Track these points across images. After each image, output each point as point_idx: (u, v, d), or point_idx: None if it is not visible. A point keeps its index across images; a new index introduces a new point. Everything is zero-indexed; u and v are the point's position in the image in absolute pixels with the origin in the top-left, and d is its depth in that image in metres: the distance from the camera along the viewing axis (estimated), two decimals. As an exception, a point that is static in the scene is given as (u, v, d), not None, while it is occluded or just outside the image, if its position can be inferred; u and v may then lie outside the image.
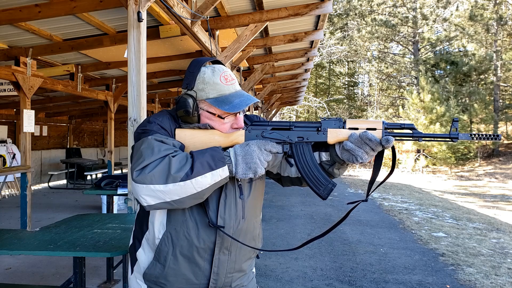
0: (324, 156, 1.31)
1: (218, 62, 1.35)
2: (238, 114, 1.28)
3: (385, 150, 1.21)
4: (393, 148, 1.23)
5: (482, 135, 1.18)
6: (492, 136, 1.18)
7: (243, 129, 1.28)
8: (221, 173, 1.12)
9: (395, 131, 1.22)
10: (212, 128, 1.26)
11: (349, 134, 1.21)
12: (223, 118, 1.26)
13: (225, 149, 1.21)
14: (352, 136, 1.19)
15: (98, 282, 3.73)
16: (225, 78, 1.27)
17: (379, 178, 1.21)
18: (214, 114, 1.26)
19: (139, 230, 1.36)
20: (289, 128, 1.26)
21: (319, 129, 1.24)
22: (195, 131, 1.26)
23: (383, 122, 1.21)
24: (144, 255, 1.32)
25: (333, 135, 1.23)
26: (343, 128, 1.23)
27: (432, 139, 1.24)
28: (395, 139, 1.21)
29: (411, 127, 1.21)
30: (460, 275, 4.03)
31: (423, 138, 1.21)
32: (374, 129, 1.20)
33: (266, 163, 1.17)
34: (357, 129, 1.22)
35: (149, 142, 1.14)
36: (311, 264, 4.32)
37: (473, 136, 1.18)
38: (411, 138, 1.22)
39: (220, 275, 1.29)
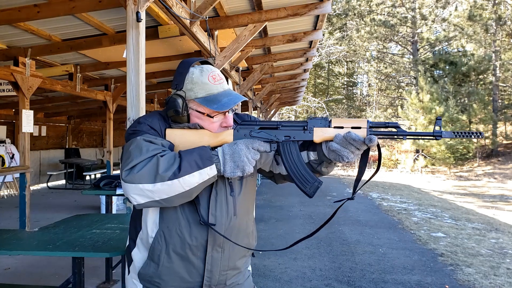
0: (312, 155, 1.34)
1: (206, 63, 1.37)
2: (227, 113, 1.30)
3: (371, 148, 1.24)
4: (378, 147, 1.25)
5: (464, 133, 1.20)
6: (474, 133, 1.20)
7: (232, 128, 1.30)
8: (209, 172, 1.14)
9: (380, 129, 1.25)
10: (201, 127, 1.28)
11: (334, 133, 1.23)
12: (212, 117, 1.28)
13: (214, 148, 1.22)
14: (337, 137, 1.22)
15: (97, 282, 3.73)
16: (213, 78, 1.29)
17: (371, 176, 1.22)
18: (203, 113, 1.28)
19: (133, 230, 1.38)
20: (276, 128, 1.28)
21: (305, 128, 1.27)
22: (184, 130, 1.28)
23: (367, 121, 1.23)
24: (139, 255, 1.33)
25: (319, 134, 1.25)
26: (329, 127, 1.25)
27: (416, 137, 1.27)
28: (380, 138, 1.24)
29: (395, 126, 1.23)
30: (459, 275, 4.03)
31: (407, 137, 1.24)
32: (359, 127, 1.23)
33: (254, 161, 1.19)
34: (342, 127, 1.24)
35: (138, 142, 1.17)
36: (310, 264, 4.33)
37: (456, 134, 1.20)
38: (395, 137, 1.24)
39: (213, 272, 1.30)
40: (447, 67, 22.36)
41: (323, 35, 27.03)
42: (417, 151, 19.86)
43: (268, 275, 3.96)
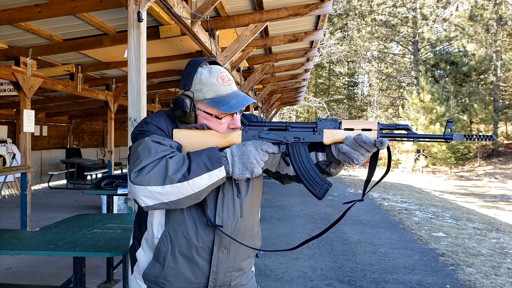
0: (321, 157, 1.32)
1: (215, 63, 1.36)
2: (235, 114, 1.29)
3: (380, 150, 1.23)
4: (388, 149, 1.24)
5: (475, 135, 1.19)
6: (485, 136, 1.19)
7: (240, 129, 1.28)
8: (218, 174, 1.13)
9: (390, 132, 1.24)
10: (209, 128, 1.27)
11: (344, 135, 1.22)
12: (220, 119, 1.27)
13: (222, 149, 1.21)
14: (347, 139, 1.21)
15: (98, 282, 3.73)
16: (222, 79, 1.27)
17: (375, 177, 1.21)
18: (211, 115, 1.26)
19: (138, 230, 1.37)
20: (286, 129, 1.27)
21: (315, 129, 1.26)
22: (192, 131, 1.27)
23: (378, 123, 1.22)
24: (144, 255, 1.32)
25: (329, 136, 1.24)
26: (339, 129, 1.24)
27: (427, 139, 1.26)
28: (390, 140, 1.22)
29: (406, 128, 1.22)
30: (460, 275, 4.03)
31: (417, 139, 1.23)
32: (370, 129, 1.22)
33: (262, 163, 1.18)
34: (352, 129, 1.23)
35: (146, 143, 1.15)
36: (311, 264, 4.33)
37: (466, 136, 1.19)
38: (406, 139, 1.23)
39: (219, 274, 1.30)
40: (448, 67, 22.35)
41: (324, 35, 27.03)
42: (418, 151, 19.84)
43: (269, 275, 3.96)
